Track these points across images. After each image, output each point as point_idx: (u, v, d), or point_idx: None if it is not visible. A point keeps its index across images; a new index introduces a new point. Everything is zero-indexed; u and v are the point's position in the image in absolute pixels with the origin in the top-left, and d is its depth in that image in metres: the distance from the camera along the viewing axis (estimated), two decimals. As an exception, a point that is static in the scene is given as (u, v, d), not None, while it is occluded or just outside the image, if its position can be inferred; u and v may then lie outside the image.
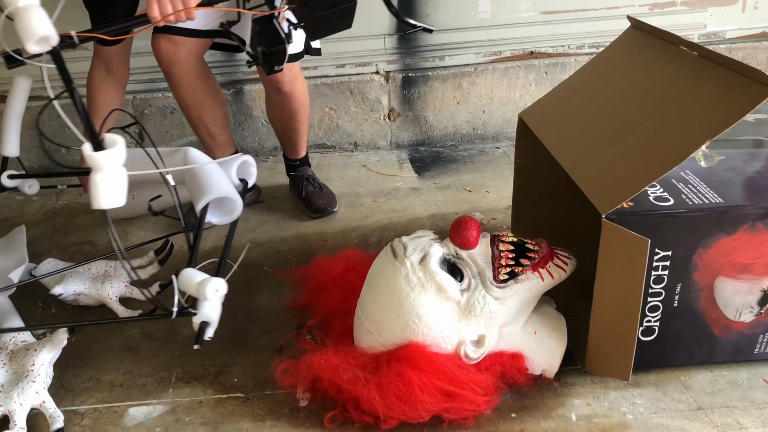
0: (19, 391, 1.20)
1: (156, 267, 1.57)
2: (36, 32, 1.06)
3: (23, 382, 1.22)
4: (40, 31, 1.06)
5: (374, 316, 1.21)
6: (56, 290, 1.48)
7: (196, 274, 1.28)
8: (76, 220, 1.99)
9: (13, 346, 1.31)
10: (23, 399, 1.20)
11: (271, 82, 1.79)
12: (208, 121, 1.90)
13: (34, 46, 1.09)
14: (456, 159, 2.30)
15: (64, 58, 1.16)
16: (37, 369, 1.24)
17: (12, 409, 1.19)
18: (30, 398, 1.21)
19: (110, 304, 1.51)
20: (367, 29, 2.25)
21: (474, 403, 1.15)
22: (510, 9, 2.28)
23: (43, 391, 1.23)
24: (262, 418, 1.22)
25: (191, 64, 1.76)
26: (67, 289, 1.49)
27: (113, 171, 1.07)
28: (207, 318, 1.24)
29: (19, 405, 1.19)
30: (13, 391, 1.20)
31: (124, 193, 1.08)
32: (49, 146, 2.30)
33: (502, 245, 1.25)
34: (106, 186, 1.07)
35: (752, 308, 1.22)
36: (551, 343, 1.27)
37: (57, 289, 1.48)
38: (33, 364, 1.24)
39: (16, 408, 1.19)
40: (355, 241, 1.80)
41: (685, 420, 1.17)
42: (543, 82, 2.36)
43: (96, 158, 1.07)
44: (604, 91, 1.40)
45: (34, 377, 1.23)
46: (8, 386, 1.22)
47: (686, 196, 1.19)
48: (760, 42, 2.41)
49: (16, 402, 1.19)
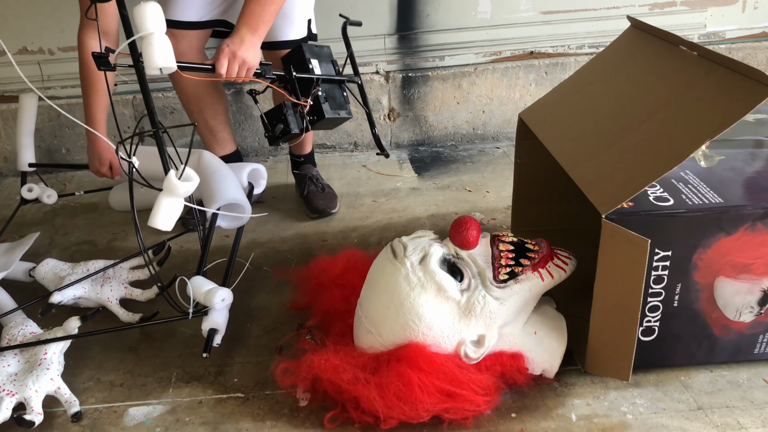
0: (33, 378, 1.23)
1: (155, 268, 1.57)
2: (161, 63, 1.28)
3: (37, 370, 1.25)
4: (166, 64, 1.29)
5: (374, 316, 1.21)
6: (55, 298, 1.46)
7: (205, 282, 1.33)
8: (76, 220, 1.99)
9: (22, 338, 1.33)
10: (38, 386, 1.23)
11: (279, 67, 1.81)
12: (208, 115, 1.91)
13: (154, 71, 1.30)
14: (456, 159, 2.30)
15: None
16: (50, 357, 1.27)
17: (28, 396, 1.22)
18: (45, 385, 1.24)
19: (110, 307, 1.50)
20: (367, 29, 2.26)
21: (474, 403, 1.15)
22: (510, 9, 2.28)
23: (58, 378, 1.26)
24: (262, 418, 1.22)
25: (192, 56, 1.77)
26: (65, 295, 1.48)
27: (179, 202, 1.21)
28: (215, 325, 1.30)
29: (34, 392, 1.22)
30: (27, 379, 1.23)
31: (173, 223, 1.21)
32: (49, 145, 2.30)
33: (502, 245, 1.25)
34: (169, 211, 1.20)
35: (752, 308, 1.22)
36: (551, 343, 1.27)
37: (55, 297, 1.46)
38: (45, 353, 1.27)
39: (32, 395, 1.22)
40: (355, 241, 1.80)
41: (685, 420, 1.17)
42: (543, 82, 2.36)
43: (175, 186, 1.19)
44: (604, 91, 1.40)
45: (47, 365, 1.26)
46: (22, 375, 1.25)
47: (686, 196, 1.19)
48: (760, 42, 2.41)
49: (31, 389, 1.22)
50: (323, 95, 1.58)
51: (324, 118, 1.57)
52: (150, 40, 1.25)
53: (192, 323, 1.48)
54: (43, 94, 2.24)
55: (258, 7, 1.52)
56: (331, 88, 1.62)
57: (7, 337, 1.34)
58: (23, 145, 1.73)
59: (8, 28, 2.18)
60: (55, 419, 1.24)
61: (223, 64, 1.46)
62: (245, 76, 1.50)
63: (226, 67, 1.47)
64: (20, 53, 2.21)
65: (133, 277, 1.57)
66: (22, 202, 1.77)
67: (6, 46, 2.19)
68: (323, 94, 1.58)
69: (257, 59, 1.52)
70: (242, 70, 1.49)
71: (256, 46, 1.52)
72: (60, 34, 2.19)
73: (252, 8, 1.53)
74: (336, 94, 1.63)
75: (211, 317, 1.31)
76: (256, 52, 1.52)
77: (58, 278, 1.54)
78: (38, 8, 2.15)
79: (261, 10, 1.52)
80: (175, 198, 1.20)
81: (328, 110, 1.57)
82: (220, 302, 1.30)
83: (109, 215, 2.00)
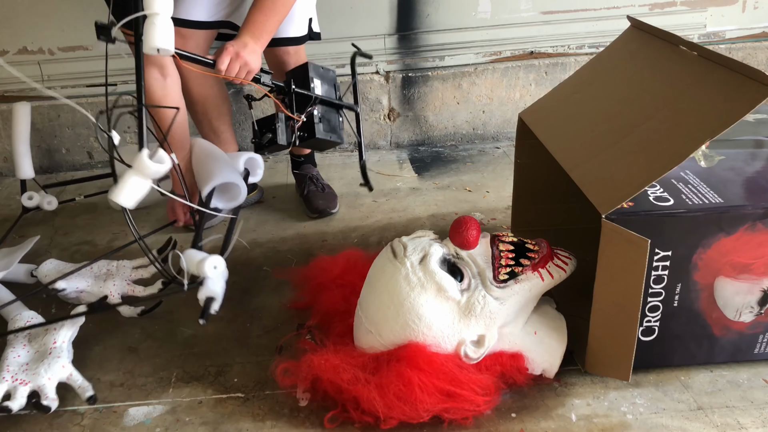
0: (45, 366, 1.26)
1: None
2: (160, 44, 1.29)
3: (48, 358, 1.27)
4: (164, 45, 1.30)
5: (374, 316, 1.21)
6: (59, 284, 1.48)
7: (197, 254, 1.33)
8: (76, 220, 1.99)
9: (29, 330, 1.35)
10: (51, 373, 1.25)
11: (279, 65, 1.82)
12: (213, 116, 1.91)
13: (152, 51, 1.31)
14: (456, 159, 2.30)
15: None
16: (60, 345, 1.30)
17: (41, 384, 1.24)
18: (57, 372, 1.26)
19: (113, 302, 1.50)
20: (367, 29, 2.26)
21: (474, 403, 1.15)
22: (510, 9, 2.28)
23: (69, 365, 1.28)
24: (262, 418, 1.22)
25: None
26: (70, 285, 1.50)
27: (146, 183, 1.21)
28: (211, 293, 1.29)
29: (47, 379, 1.24)
30: (40, 368, 1.25)
31: (137, 201, 1.22)
32: (49, 145, 2.30)
33: (502, 245, 1.25)
34: (133, 189, 1.20)
35: (752, 308, 1.22)
36: (551, 343, 1.27)
37: (60, 283, 1.48)
38: (54, 341, 1.30)
39: (45, 382, 1.24)
40: (355, 241, 1.80)
41: (685, 420, 1.17)
42: (543, 82, 2.36)
43: (146, 165, 1.19)
44: (604, 91, 1.40)
45: (58, 353, 1.28)
46: (33, 364, 1.27)
47: (686, 196, 1.19)
48: (760, 42, 2.41)
49: (44, 377, 1.24)
50: (319, 115, 1.60)
51: (314, 137, 1.58)
52: (153, 20, 1.27)
53: (192, 323, 1.48)
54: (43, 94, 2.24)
55: (262, 17, 1.54)
56: (329, 111, 1.64)
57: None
58: (20, 153, 1.73)
59: (8, 28, 2.18)
60: (55, 419, 1.24)
61: (225, 60, 1.47)
62: (244, 78, 1.51)
63: (227, 65, 1.48)
64: (20, 53, 2.21)
65: (137, 275, 1.58)
66: (24, 210, 1.78)
67: (6, 46, 2.20)
68: (319, 114, 1.60)
69: (258, 64, 1.53)
70: (242, 71, 1.50)
71: (258, 53, 1.53)
72: (60, 34, 2.19)
73: (256, 17, 1.55)
74: (332, 118, 1.65)
75: (207, 286, 1.29)
76: (258, 58, 1.53)
77: (61, 276, 1.54)
78: (38, 8, 2.15)
79: (265, 20, 1.55)
80: (142, 177, 1.20)
81: (320, 131, 1.59)
82: (212, 270, 1.29)
83: (109, 215, 2.00)
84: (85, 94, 2.26)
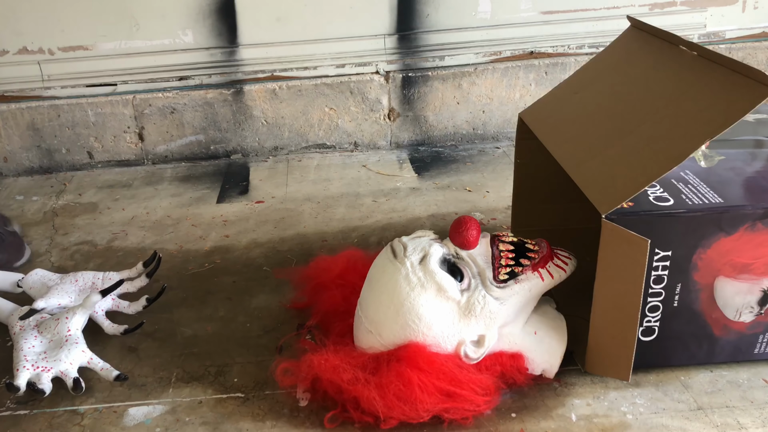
0: (66, 352, 1.28)
1: (144, 280, 1.52)
2: None
3: (66, 345, 1.30)
4: None
5: (374, 316, 1.21)
6: (38, 305, 1.41)
7: None
8: (76, 220, 1.99)
9: (35, 321, 1.36)
10: (72, 358, 1.28)
11: None
12: None
13: None
14: (456, 159, 2.30)
15: None
16: (74, 332, 1.32)
17: (64, 369, 1.27)
18: (78, 357, 1.29)
19: (96, 318, 1.45)
20: (367, 29, 2.26)
21: (474, 403, 1.15)
22: (510, 9, 2.28)
23: (88, 350, 1.31)
24: (262, 418, 1.22)
25: None
26: (50, 303, 1.43)
27: None
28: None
29: (69, 364, 1.28)
30: (60, 354, 1.28)
31: None
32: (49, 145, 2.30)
33: (502, 245, 1.25)
34: None
35: (752, 308, 1.22)
36: (551, 343, 1.27)
37: (39, 303, 1.41)
38: (69, 329, 1.32)
39: (67, 367, 1.27)
40: (355, 241, 1.80)
41: (685, 420, 1.17)
42: (543, 82, 2.36)
43: None
44: (604, 91, 1.40)
45: (75, 339, 1.31)
46: (52, 351, 1.29)
47: (686, 196, 1.19)
48: (760, 42, 2.41)
49: (65, 362, 1.27)
50: None
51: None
52: None
53: (192, 323, 1.48)
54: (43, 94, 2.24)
55: None
56: None
57: (19, 324, 1.36)
58: None
59: (8, 28, 2.18)
60: (55, 419, 1.24)
61: None
62: None
63: None
64: (20, 53, 2.21)
65: (122, 289, 1.52)
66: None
67: (6, 45, 2.20)
68: None
69: None
70: None
71: None
72: (60, 34, 2.19)
73: None
74: None
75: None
76: None
77: (45, 288, 1.48)
78: (38, 8, 2.15)
79: None
80: None
81: None
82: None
83: (109, 215, 2.00)
84: (85, 94, 2.26)
